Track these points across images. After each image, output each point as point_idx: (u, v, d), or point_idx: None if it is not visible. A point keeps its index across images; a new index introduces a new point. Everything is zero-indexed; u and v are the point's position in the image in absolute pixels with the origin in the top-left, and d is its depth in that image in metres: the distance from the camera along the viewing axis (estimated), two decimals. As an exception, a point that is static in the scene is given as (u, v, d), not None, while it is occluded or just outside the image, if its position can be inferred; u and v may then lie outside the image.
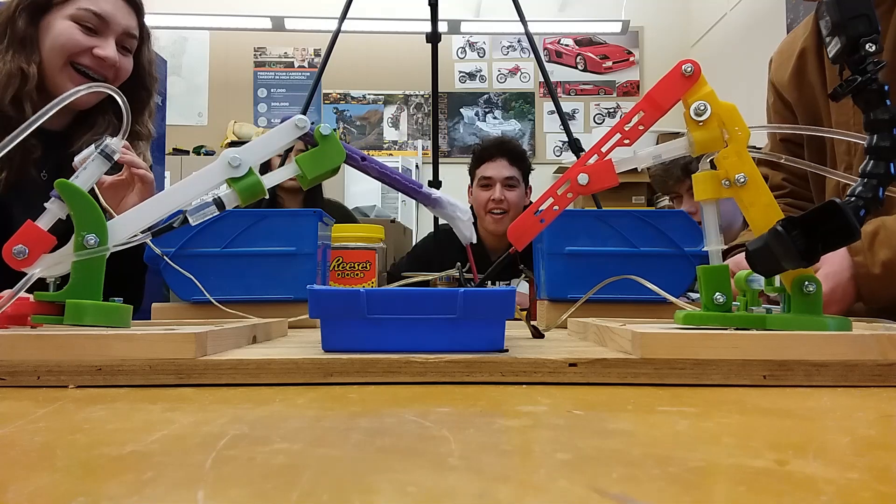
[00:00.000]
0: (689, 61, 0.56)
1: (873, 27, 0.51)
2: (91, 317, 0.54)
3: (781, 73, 1.14)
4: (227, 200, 0.57)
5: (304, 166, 0.59)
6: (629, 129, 0.57)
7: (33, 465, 0.28)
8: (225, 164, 0.57)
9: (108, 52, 1.07)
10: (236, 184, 0.57)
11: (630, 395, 0.43)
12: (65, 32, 1.05)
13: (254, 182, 0.57)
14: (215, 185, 0.58)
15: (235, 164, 0.57)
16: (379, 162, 0.64)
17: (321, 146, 0.59)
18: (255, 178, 0.57)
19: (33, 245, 0.54)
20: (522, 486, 0.24)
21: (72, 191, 0.55)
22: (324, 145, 0.59)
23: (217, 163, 0.57)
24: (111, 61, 1.07)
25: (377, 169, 0.63)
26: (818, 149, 1.10)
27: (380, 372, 0.47)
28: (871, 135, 0.52)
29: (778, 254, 0.50)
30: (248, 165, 0.57)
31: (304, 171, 0.59)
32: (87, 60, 1.07)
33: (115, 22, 1.08)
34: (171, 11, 3.82)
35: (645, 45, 4.56)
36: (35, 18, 1.06)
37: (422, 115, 4.54)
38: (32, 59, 1.04)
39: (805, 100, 1.10)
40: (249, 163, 0.57)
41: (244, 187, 0.57)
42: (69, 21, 1.06)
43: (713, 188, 0.56)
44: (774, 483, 0.25)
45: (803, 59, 1.08)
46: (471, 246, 0.68)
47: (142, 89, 1.18)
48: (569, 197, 0.58)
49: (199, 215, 0.56)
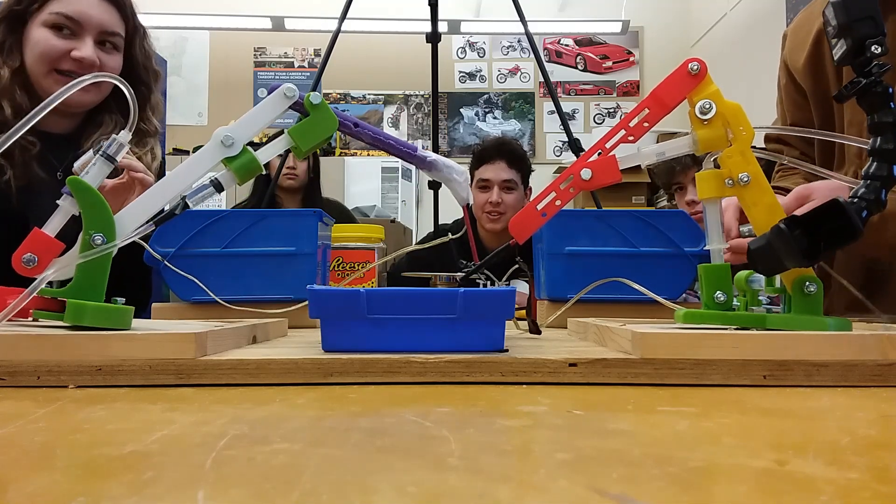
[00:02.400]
0: (696, 60, 0.56)
1: (879, 29, 0.51)
2: (91, 318, 0.53)
3: (796, 57, 1.10)
4: (224, 181, 0.57)
5: (298, 137, 0.59)
6: (634, 125, 0.57)
7: (33, 465, 0.28)
8: (218, 144, 0.56)
9: (84, 53, 1.06)
10: (232, 163, 0.57)
11: (630, 395, 0.43)
12: (41, 40, 1.06)
13: (249, 159, 0.57)
14: (211, 166, 0.57)
15: (228, 143, 0.56)
16: (371, 127, 0.64)
17: (312, 115, 0.59)
18: (250, 155, 0.57)
19: (42, 253, 0.54)
20: (522, 486, 0.24)
21: (82, 188, 0.55)
22: (315, 114, 0.59)
23: (210, 144, 0.57)
24: (89, 61, 1.06)
25: (370, 134, 0.63)
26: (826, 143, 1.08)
27: (380, 372, 0.47)
28: (875, 137, 0.52)
29: (780, 252, 0.50)
30: (242, 142, 0.57)
31: (297, 143, 0.59)
32: (67, 64, 1.06)
33: (90, 22, 1.07)
34: (171, 11, 3.82)
35: (645, 45, 4.56)
36: (14, 29, 1.07)
37: (422, 115, 4.53)
38: (8, 62, 1.05)
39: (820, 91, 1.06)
40: (242, 139, 0.57)
41: (240, 166, 0.57)
42: (44, 28, 1.06)
43: (716, 187, 0.56)
44: (774, 483, 0.25)
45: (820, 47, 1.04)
46: (470, 247, 0.68)
47: (140, 84, 1.16)
48: (571, 192, 0.57)
49: (198, 198, 0.56)
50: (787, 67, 1.14)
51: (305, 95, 0.59)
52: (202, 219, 0.93)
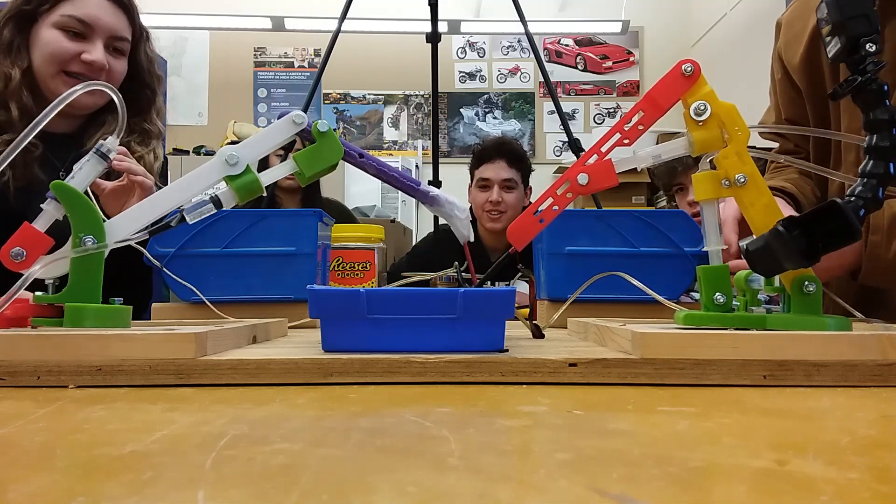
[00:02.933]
0: (689, 61, 0.56)
1: (873, 27, 0.51)
2: (90, 320, 0.54)
3: (791, 53, 1.06)
4: (224, 199, 0.57)
5: (302, 163, 0.59)
6: (629, 128, 0.57)
7: (33, 465, 0.28)
8: (222, 162, 0.57)
9: (96, 56, 1.07)
10: (234, 182, 0.57)
11: (630, 395, 0.43)
12: (52, 42, 1.06)
13: (251, 180, 0.57)
14: (213, 182, 0.57)
15: (233, 161, 0.57)
16: (376, 159, 0.64)
17: (319, 143, 0.59)
18: (253, 176, 0.57)
19: (31, 247, 0.54)
20: (522, 486, 0.24)
21: (67, 192, 0.55)
22: (321, 142, 0.59)
23: (214, 160, 0.57)
24: (99, 65, 1.07)
25: (375, 166, 0.63)
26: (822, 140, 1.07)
27: (380, 372, 0.47)
28: (871, 134, 0.52)
29: (779, 253, 0.50)
30: (246, 163, 0.57)
31: (301, 168, 0.59)
32: (77, 67, 1.07)
33: (101, 25, 1.08)
34: (171, 11, 3.82)
35: (645, 45, 4.56)
36: (22, 28, 1.07)
37: (422, 115, 4.53)
38: (17, 63, 1.05)
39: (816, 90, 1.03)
40: (247, 160, 0.57)
41: (241, 185, 0.57)
42: (54, 29, 1.06)
43: (713, 188, 0.56)
44: (774, 483, 0.25)
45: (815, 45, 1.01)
46: (470, 246, 0.68)
47: (145, 88, 1.18)
48: (568, 197, 0.58)
49: (196, 213, 0.56)
50: (782, 61, 1.10)
51: (313, 123, 0.59)
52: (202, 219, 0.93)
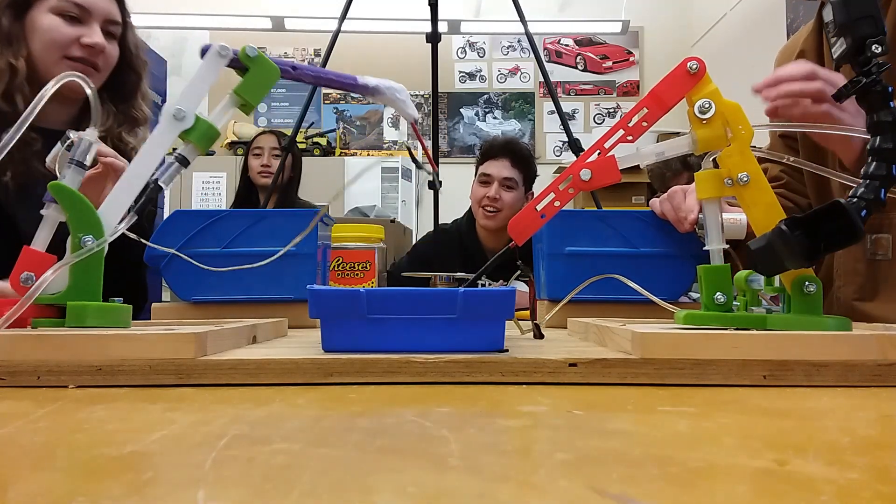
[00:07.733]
0: (695, 58, 0.55)
1: (879, 28, 0.51)
2: (93, 318, 0.54)
3: None
4: (187, 153, 0.58)
5: (244, 93, 0.59)
6: (632, 125, 0.57)
7: (33, 465, 0.28)
8: (171, 119, 0.57)
9: (96, 39, 1.08)
10: (190, 135, 0.58)
11: (630, 395, 0.43)
12: (52, 27, 1.06)
13: (206, 127, 0.58)
14: (169, 143, 0.58)
15: (180, 116, 0.57)
16: (310, 66, 0.65)
17: (252, 69, 0.60)
18: (206, 123, 0.58)
19: (37, 269, 0.54)
20: (522, 486, 0.24)
21: (66, 192, 0.55)
22: (255, 67, 0.60)
23: (162, 122, 0.57)
24: (99, 47, 1.08)
25: (310, 74, 0.64)
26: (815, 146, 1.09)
27: (380, 372, 0.47)
28: (875, 136, 0.52)
29: (781, 253, 0.50)
30: (193, 112, 0.58)
31: (245, 99, 0.59)
32: (77, 51, 1.08)
33: (96, 9, 1.09)
34: (171, 11, 3.81)
35: (645, 45, 4.56)
36: (19, 15, 1.07)
37: (422, 115, 4.53)
38: (20, 53, 1.05)
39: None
40: (192, 109, 0.58)
41: (199, 136, 0.58)
42: (52, 14, 1.07)
43: (715, 187, 0.56)
44: (774, 483, 0.25)
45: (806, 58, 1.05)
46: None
47: (131, 73, 1.18)
48: (570, 192, 0.57)
49: (167, 176, 0.57)
50: None
51: (240, 50, 0.59)
52: (202, 219, 0.93)
